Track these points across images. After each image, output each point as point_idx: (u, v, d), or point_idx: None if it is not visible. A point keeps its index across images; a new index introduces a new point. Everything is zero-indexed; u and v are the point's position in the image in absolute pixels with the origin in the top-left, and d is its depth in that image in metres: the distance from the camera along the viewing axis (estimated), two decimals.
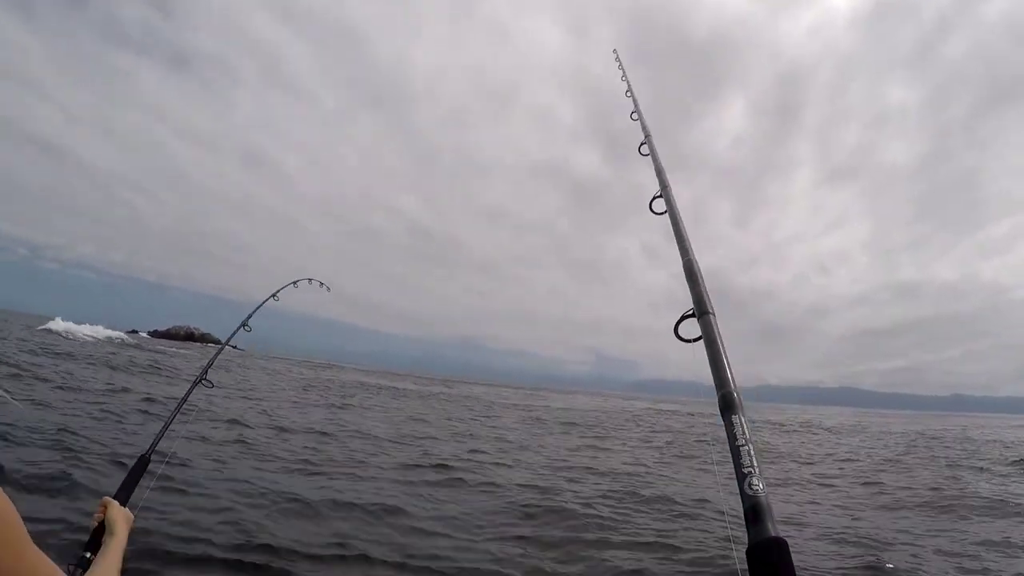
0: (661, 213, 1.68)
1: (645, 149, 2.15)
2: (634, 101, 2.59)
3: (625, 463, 11.34)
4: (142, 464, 2.23)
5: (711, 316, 1.16)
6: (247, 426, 10.01)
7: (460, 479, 7.86)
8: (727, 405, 1.04)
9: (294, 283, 4.09)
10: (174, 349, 40.63)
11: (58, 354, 19.36)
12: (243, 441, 8.62)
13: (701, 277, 1.33)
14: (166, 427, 2.55)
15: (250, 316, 3.71)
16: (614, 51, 3.29)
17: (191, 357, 31.24)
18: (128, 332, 59.80)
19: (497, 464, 9.56)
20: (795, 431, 26.14)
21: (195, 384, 2.91)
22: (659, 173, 1.90)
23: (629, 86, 2.78)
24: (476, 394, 38.59)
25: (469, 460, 9.55)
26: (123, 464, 6.08)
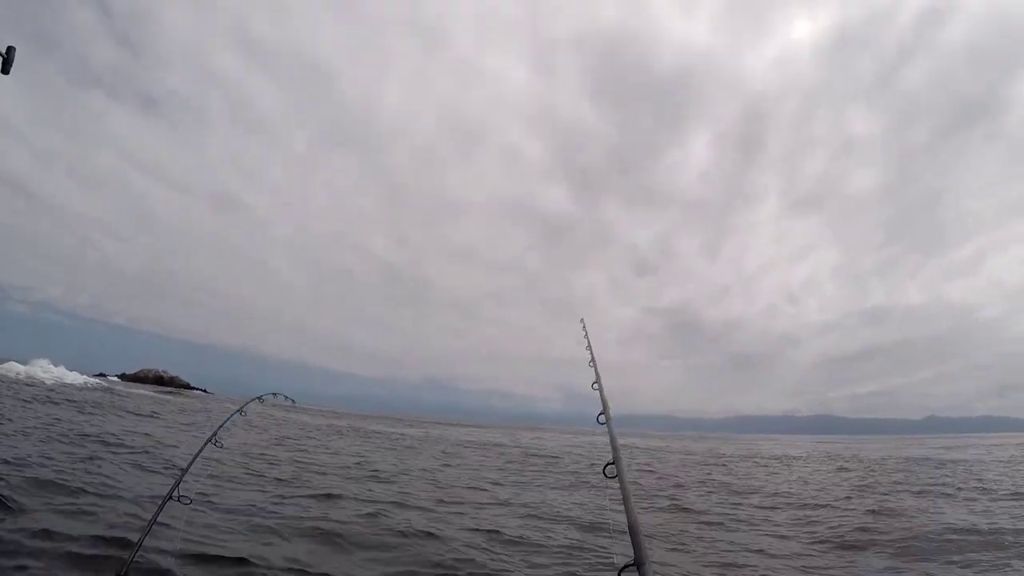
0: (612, 477, 1.88)
1: (603, 419, 2.39)
2: (596, 373, 2.77)
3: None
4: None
5: (647, 566, 1.43)
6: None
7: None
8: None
9: (259, 399, 4.62)
10: (145, 393, 41.09)
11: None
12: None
13: (640, 531, 1.55)
14: (141, 541, 2.73)
15: (217, 431, 3.84)
16: (581, 320, 3.40)
17: (163, 401, 31.83)
18: (96, 375, 59.66)
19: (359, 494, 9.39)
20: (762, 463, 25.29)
21: (167, 497, 2.97)
22: (613, 443, 2.09)
23: (592, 357, 2.96)
24: (434, 434, 36.96)
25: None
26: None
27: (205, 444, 3.53)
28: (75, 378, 40.82)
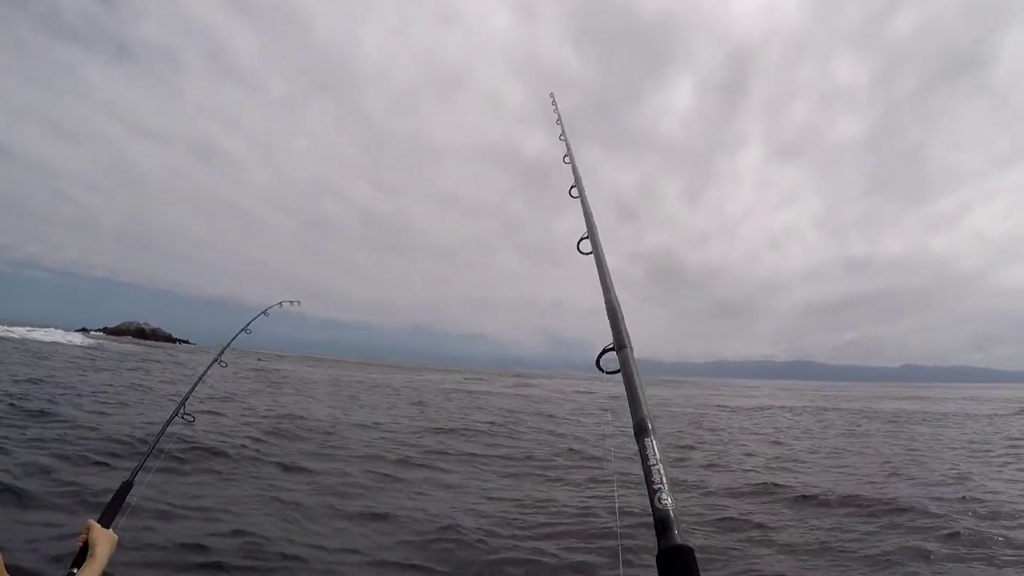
0: (587, 254, 1.77)
1: (575, 192, 2.24)
2: (567, 145, 2.66)
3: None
4: (125, 489, 2.31)
5: (628, 349, 1.27)
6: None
7: None
8: (641, 430, 1.13)
9: (264, 313, 4.17)
10: (119, 346, 43.17)
11: None
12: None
13: (621, 315, 1.41)
14: (147, 455, 2.66)
15: (224, 349, 3.87)
16: (551, 94, 3.34)
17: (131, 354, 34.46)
18: (79, 330, 63.23)
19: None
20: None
21: (172, 416, 2.98)
22: (587, 217, 1.99)
23: (563, 130, 2.86)
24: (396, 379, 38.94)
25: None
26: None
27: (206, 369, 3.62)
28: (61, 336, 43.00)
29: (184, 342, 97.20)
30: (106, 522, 2.00)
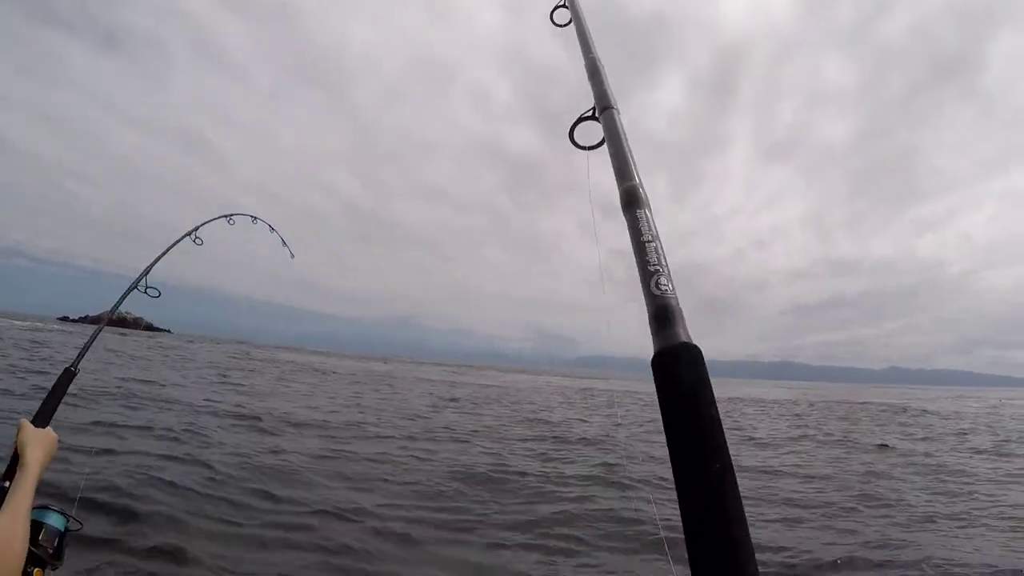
0: (565, 25, 1.47)
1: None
2: None
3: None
4: (67, 378, 1.90)
5: (614, 111, 1.05)
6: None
7: None
8: (631, 200, 0.88)
9: (227, 217, 2.85)
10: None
11: None
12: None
13: (605, 75, 1.18)
14: (92, 340, 2.18)
15: (159, 259, 2.51)
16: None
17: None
18: (59, 319, 66.23)
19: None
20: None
21: (131, 288, 2.36)
22: None
23: None
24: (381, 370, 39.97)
25: None
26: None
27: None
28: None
29: (166, 331, 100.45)
30: (43, 420, 1.67)
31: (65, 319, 72.64)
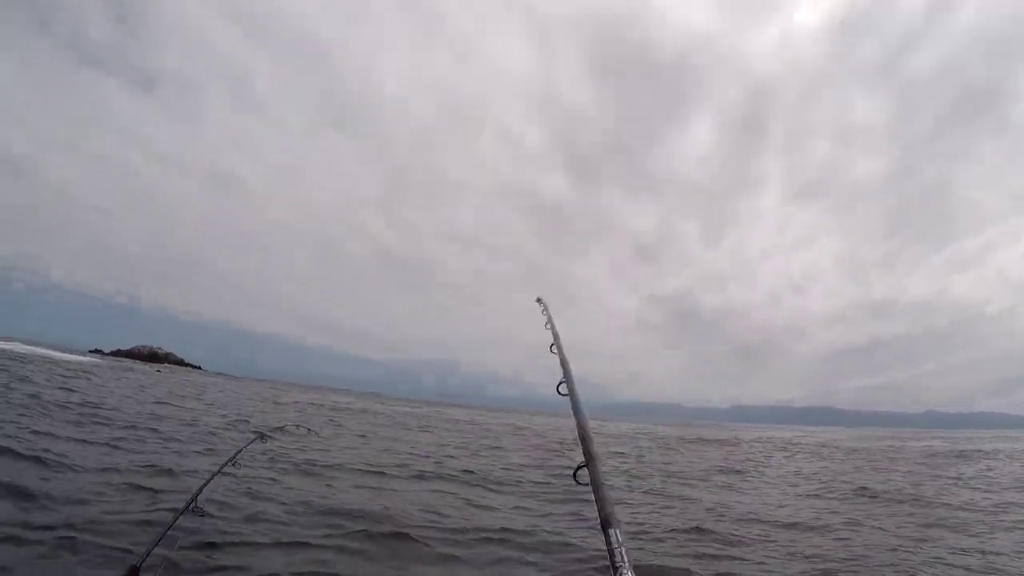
0: (564, 395, 2.04)
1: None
2: (554, 334, 2.62)
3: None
4: (133, 574, 2.14)
5: (595, 462, 1.67)
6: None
7: None
8: (606, 522, 1.49)
9: (261, 436, 4.08)
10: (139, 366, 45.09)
11: None
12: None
13: (590, 437, 1.76)
14: (161, 536, 2.48)
15: (235, 456, 3.64)
16: (538, 299, 3.17)
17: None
18: (91, 351, 64.14)
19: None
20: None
21: (184, 510, 2.75)
22: (564, 364, 2.22)
23: (550, 321, 2.79)
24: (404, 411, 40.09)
25: None
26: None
27: (224, 465, 3.40)
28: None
29: (196, 367, 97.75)
30: None
31: (97, 351, 70.30)
